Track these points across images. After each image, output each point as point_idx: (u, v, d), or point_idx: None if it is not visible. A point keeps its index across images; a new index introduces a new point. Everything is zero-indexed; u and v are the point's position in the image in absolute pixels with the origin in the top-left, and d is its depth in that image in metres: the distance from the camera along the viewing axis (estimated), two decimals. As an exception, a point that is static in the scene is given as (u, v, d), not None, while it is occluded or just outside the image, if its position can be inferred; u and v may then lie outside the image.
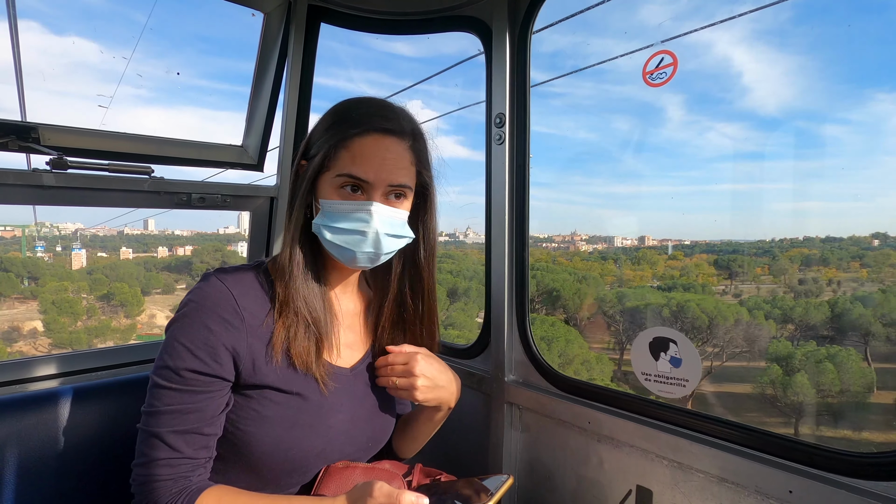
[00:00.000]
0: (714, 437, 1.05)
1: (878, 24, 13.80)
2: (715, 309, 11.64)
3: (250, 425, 0.84)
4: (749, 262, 14.21)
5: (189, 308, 0.82)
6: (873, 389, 10.00)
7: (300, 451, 0.87)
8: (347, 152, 0.84)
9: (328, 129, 0.87)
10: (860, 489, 0.87)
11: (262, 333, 0.85)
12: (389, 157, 0.86)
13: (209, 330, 0.80)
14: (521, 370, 1.43)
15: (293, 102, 1.62)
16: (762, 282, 14.10)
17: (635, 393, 1.21)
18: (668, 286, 14.12)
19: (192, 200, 1.52)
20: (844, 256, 13.15)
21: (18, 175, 1.28)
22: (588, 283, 14.92)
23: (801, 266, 13.89)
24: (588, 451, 1.25)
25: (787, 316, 11.96)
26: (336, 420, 0.92)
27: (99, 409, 1.11)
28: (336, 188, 0.85)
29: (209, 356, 0.80)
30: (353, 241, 0.85)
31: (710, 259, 15.69)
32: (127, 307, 20.61)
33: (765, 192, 17.42)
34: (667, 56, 1.06)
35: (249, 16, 1.55)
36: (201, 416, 0.80)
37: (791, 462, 0.95)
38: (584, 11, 1.84)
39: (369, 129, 0.85)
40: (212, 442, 0.83)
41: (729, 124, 22.10)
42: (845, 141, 20.03)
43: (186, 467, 0.80)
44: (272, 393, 0.86)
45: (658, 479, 1.12)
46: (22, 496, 1.00)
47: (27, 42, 1.39)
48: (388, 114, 0.88)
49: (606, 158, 29.94)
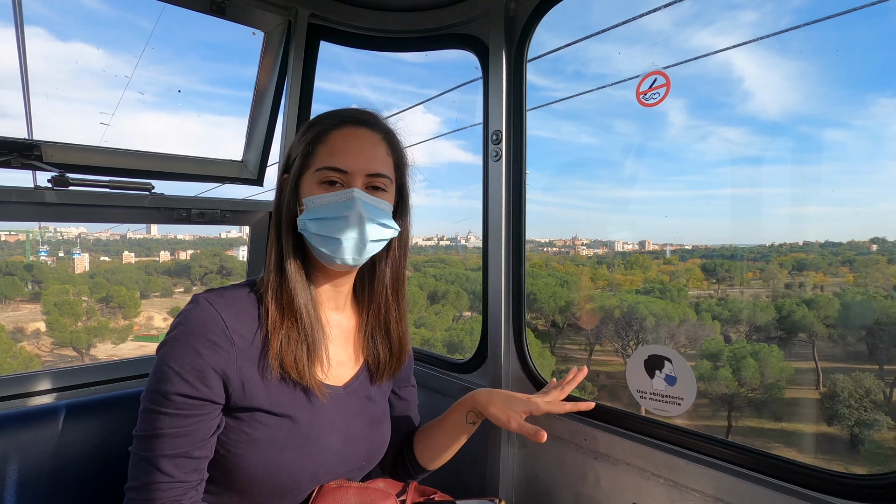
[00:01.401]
0: (710, 457, 1.05)
1: (879, 30, 13.74)
2: (662, 310, 12.86)
3: (241, 448, 0.85)
4: (735, 266, 14.93)
5: (178, 332, 0.82)
6: (785, 384, 11.16)
7: (290, 474, 0.87)
8: (325, 147, 0.88)
9: (304, 134, 0.92)
10: (855, 513, 0.87)
11: (252, 355, 0.85)
12: (366, 146, 0.90)
13: (197, 353, 0.80)
14: (517, 385, 1.43)
15: (293, 119, 1.63)
16: (751, 286, 14.80)
17: (632, 411, 1.21)
18: (647, 290, 14.96)
19: (191, 216, 1.53)
20: (834, 262, 13.84)
21: (21, 192, 1.30)
22: (568, 288, 15.58)
23: (793, 271, 14.51)
24: (585, 468, 1.25)
25: (736, 317, 13.22)
26: (329, 441, 0.92)
27: (97, 423, 1.12)
28: (317, 183, 0.88)
29: (198, 380, 0.80)
30: (337, 227, 0.85)
31: (702, 264, 16.31)
32: (124, 309, 21.77)
33: (766, 196, 17.60)
34: (660, 77, 1.07)
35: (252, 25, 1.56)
36: (192, 439, 0.81)
37: (787, 483, 0.95)
38: (582, 40, 1.86)
39: (343, 121, 0.90)
40: (202, 465, 0.84)
41: (731, 129, 22.03)
42: (847, 146, 19.98)
43: (178, 490, 0.81)
44: (262, 415, 0.86)
45: (654, 498, 1.12)
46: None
47: (33, 49, 1.40)
48: (360, 113, 0.94)
49: (608, 163, 29.94)
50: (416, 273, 19.80)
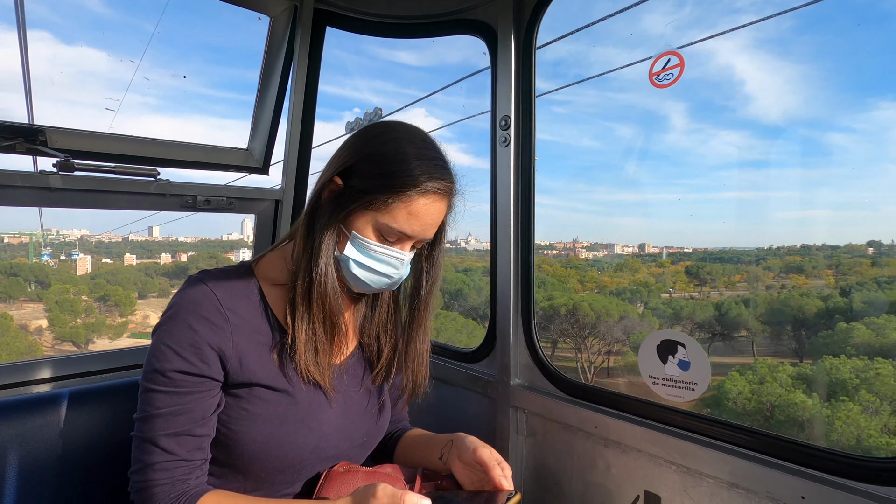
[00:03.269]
0: (723, 442, 1.04)
1: (881, 34, 13.88)
2: (604, 308, 14.35)
3: (241, 425, 0.84)
4: (716, 269, 16.24)
5: (173, 311, 0.82)
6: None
7: (293, 448, 0.87)
8: (404, 207, 0.83)
9: (385, 175, 0.83)
10: (876, 495, 0.85)
11: (249, 332, 0.85)
12: (435, 217, 0.88)
13: (193, 330, 0.80)
14: (526, 374, 1.41)
15: (298, 105, 1.63)
16: (736, 288, 15.60)
17: (642, 397, 1.19)
18: (619, 290, 16.43)
19: (197, 203, 1.52)
20: (819, 265, 14.92)
21: (25, 177, 1.29)
22: (544, 288, 16.56)
23: (780, 274, 15.53)
24: (595, 455, 1.24)
25: (678, 315, 14.73)
26: (328, 416, 0.91)
27: (100, 411, 1.10)
28: (375, 229, 0.85)
29: (195, 356, 0.80)
30: (378, 281, 0.88)
31: (686, 267, 17.47)
32: (121, 307, 23.51)
33: (767, 200, 18.06)
34: (674, 57, 1.06)
35: (257, 23, 1.56)
36: (192, 416, 0.80)
37: (803, 467, 0.94)
38: (590, 26, 1.86)
39: (428, 190, 0.84)
40: (205, 443, 0.83)
41: (733, 132, 22.15)
42: (849, 149, 20.11)
43: (182, 470, 0.80)
44: (261, 391, 0.85)
45: (666, 485, 1.11)
46: (22, 499, 0.99)
47: (37, 52, 1.40)
48: (443, 171, 0.87)
49: (610, 167, 30.13)
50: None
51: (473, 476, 0.92)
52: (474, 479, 0.92)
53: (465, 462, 0.92)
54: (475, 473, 0.91)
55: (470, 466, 0.92)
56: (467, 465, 0.92)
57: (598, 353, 14.15)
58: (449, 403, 1.59)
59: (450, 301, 19.67)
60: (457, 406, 1.57)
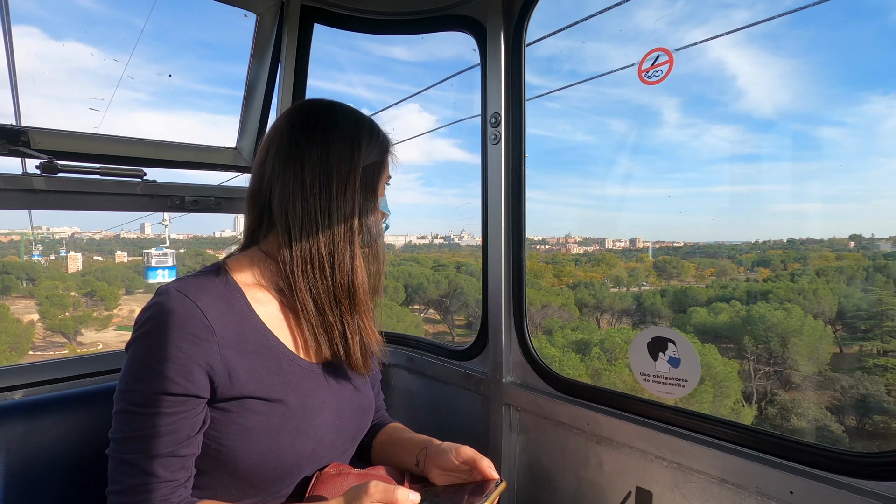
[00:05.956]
0: (714, 438, 1.05)
1: (872, 28, 13.95)
2: (535, 297, 16.73)
3: (234, 440, 0.81)
4: (682, 264, 18.36)
5: (151, 326, 0.76)
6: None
7: (292, 456, 0.85)
8: (390, 158, 1.00)
9: (373, 141, 0.96)
10: (862, 489, 0.86)
11: (235, 342, 0.82)
12: None
13: (178, 349, 0.75)
14: (519, 371, 1.42)
15: (287, 104, 1.61)
16: (704, 281, 17.57)
17: (634, 394, 1.20)
18: (574, 284, 19.06)
19: (185, 203, 1.50)
20: (787, 258, 16.57)
21: (9, 179, 1.27)
22: None
23: (753, 267, 17.16)
24: (587, 452, 1.24)
25: (600, 304, 17.30)
26: (322, 417, 0.90)
27: (87, 415, 1.07)
28: (383, 189, 0.99)
29: (180, 376, 0.75)
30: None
31: (654, 262, 19.30)
32: (106, 301, 26.30)
33: (759, 193, 18.99)
34: (662, 53, 1.05)
35: (245, 19, 1.54)
36: (177, 437, 0.76)
37: (792, 462, 0.95)
38: (581, 22, 1.85)
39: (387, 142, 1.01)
40: (189, 462, 0.79)
41: (725, 126, 22.04)
42: (840, 143, 20.15)
43: (165, 490, 0.76)
44: (253, 402, 0.82)
45: (658, 481, 1.11)
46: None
47: (26, 48, 1.37)
48: None
49: (602, 161, 30.07)
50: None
51: (456, 481, 0.92)
52: (456, 482, 0.92)
53: (446, 469, 0.91)
54: (458, 478, 0.91)
55: (452, 472, 0.91)
56: (448, 472, 0.91)
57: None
58: (441, 401, 1.59)
59: (411, 294, 22.83)
60: (449, 404, 1.57)
